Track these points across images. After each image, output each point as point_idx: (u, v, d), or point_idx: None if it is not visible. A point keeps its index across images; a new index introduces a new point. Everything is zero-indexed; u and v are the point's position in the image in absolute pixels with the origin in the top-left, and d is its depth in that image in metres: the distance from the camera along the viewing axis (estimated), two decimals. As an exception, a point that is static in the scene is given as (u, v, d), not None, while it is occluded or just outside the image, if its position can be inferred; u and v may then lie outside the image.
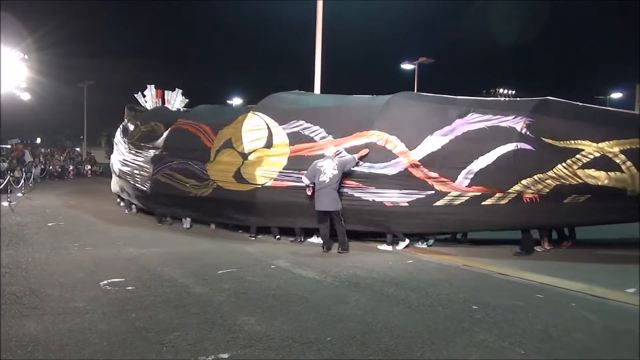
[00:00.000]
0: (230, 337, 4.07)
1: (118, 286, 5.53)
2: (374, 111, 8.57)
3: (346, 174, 8.13)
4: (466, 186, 7.58)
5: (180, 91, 15.04)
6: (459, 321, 4.58)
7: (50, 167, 26.77)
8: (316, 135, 8.74)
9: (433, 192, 7.77)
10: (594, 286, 5.78)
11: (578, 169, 6.98)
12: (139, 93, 14.70)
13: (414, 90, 27.94)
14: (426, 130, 7.90)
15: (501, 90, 72.60)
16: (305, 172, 8.15)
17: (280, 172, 8.81)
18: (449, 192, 7.68)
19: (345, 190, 8.22)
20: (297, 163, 8.65)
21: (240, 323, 4.40)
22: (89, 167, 31.14)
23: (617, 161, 6.80)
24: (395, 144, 8.03)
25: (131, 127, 13.56)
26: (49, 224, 10.15)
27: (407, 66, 30.36)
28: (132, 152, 12.39)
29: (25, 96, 31.10)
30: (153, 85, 15.01)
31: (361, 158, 8.15)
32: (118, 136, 14.10)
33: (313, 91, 13.57)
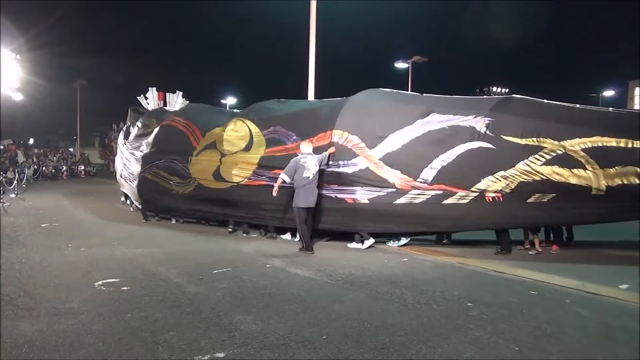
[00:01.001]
0: (226, 336, 4.07)
1: (113, 286, 5.52)
2: (339, 111, 8.71)
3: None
4: (427, 185, 7.63)
5: (181, 93, 15.04)
6: (454, 318, 4.60)
7: (44, 168, 26.62)
8: (288, 139, 8.96)
9: (394, 189, 7.84)
10: (588, 283, 5.83)
11: (540, 166, 6.98)
12: (141, 95, 14.65)
13: (408, 89, 28.06)
14: (387, 129, 7.99)
15: (494, 89, 72.90)
16: (280, 170, 8.14)
17: (253, 171, 9.13)
18: (410, 190, 7.74)
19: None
20: (269, 162, 8.94)
21: (236, 322, 4.40)
22: (83, 167, 30.99)
23: (580, 159, 6.77)
24: (355, 142, 8.14)
25: (132, 129, 13.60)
26: (43, 225, 10.10)
27: (401, 65, 30.40)
28: (131, 152, 12.51)
29: (18, 97, 30.90)
30: (155, 88, 15.00)
31: (330, 156, 8.31)
32: (121, 138, 14.14)
33: (307, 91, 13.59)
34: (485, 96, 8.24)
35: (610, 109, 7.10)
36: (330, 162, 8.29)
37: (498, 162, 7.24)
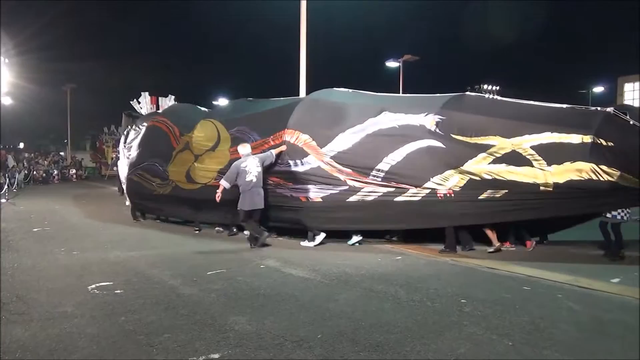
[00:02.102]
0: (221, 337, 4.07)
1: (106, 290, 5.49)
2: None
3: (267, 171, 8.39)
4: (378, 182, 7.67)
5: (173, 97, 15.01)
6: (448, 315, 4.63)
7: (34, 172, 26.42)
8: (250, 138, 8.99)
9: (346, 187, 7.90)
10: (580, 277, 5.89)
11: (488, 165, 7.00)
12: (134, 100, 14.61)
13: (399, 88, 28.15)
14: (338, 128, 8.04)
15: (485, 87, 73.12)
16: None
17: (218, 172, 9.21)
18: (362, 188, 7.79)
19: (269, 187, 8.51)
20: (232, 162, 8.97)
21: (231, 323, 4.40)
22: (74, 171, 30.77)
23: (527, 156, 6.79)
24: (307, 141, 8.20)
25: (130, 134, 13.58)
26: (35, 230, 10.03)
27: (392, 64, 30.46)
28: (126, 156, 12.52)
29: (7, 101, 30.63)
30: (147, 92, 14.96)
31: (279, 155, 8.35)
32: (121, 143, 14.11)
33: (299, 90, 13.59)
34: (438, 94, 8.17)
35: (565, 105, 7.08)
36: (283, 161, 8.36)
37: (447, 160, 7.27)
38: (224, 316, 4.59)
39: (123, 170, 13.43)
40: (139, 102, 14.75)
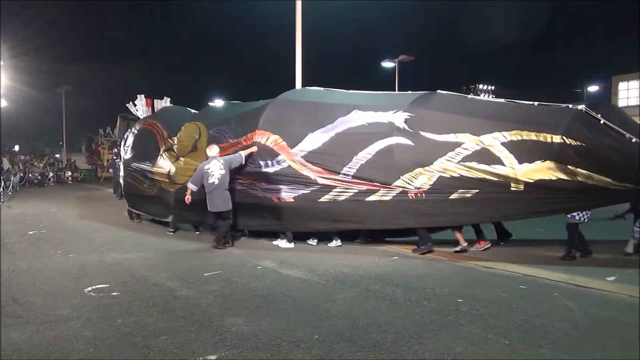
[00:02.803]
0: (218, 338, 4.07)
1: (103, 292, 5.48)
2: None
3: (239, 172, 8.46)
4: (349, 181, 7.66)
5: (169, 99, 14.97)
6: (445, 314, 4.64)
7: (30, 175, 26.31)
8: (225, 139, 9.04)
9: (317, 187, 7.90)
10: (576, 276, 5.91)
11: (458, 163, 6.95)
12: (130, 103, 14.58)
13: (395, 89, 28.17)
14: (308, 128, 8.03)
15: (481, 86, 73.35)
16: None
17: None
18: (333, 188, 7.78)
19: (242, 188, 8.61)
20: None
21: (228, 324, 4.40)
22: (70, 173, 30.65)
23: (497, 154, 6.72)
24: (277, 141, 8.21)
25: (128, 137, 13.60)
26: (30, 232, 9.99)
27: (387, 64, 30.47)
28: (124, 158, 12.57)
29: (2, 103, 30.50)
30: (143, 95, 14.91)
31: (250, 156, 8.38)
32: (122, 148, 14.13)
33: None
34: (410, 92, 8.15)
35: (536, 103, 7.05)
36: (254, 162, 8.39)
37: (416, 158, 7.22)
38: (221, 317, 4.59)
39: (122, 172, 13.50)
40: (135, 105, 14.71)
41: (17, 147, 45.82)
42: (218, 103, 14.99)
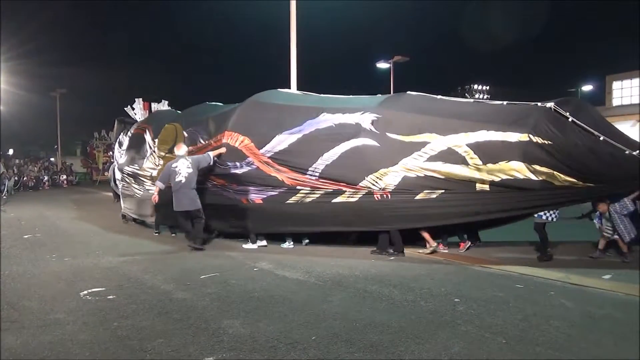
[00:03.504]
0: (215, 341, 4.06)
1: (99, 296, 5.46)
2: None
3: (213, 174, 8.56)
4: (315, 183, 7.66)
5: (167, 102, 14.88)
6: (442, 314, 4.65)
7: (25, 179, 26.20)
8: (198, 139, 9.14)
9: (284, 188, 7.92)
10: (571, 274, 5.93)
11: (424, 162, 6.92)
12: (128, 106, 14.50)
13: (390, 89, 28.21)
14: (276, 129, 8.05)
15: (475, 86, 73.66)
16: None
17: None
18: (301, 189, 7.79)
19: (215, 189, 8.70)
20: None
21: (225, 326, 4.39)
22: (65, 177, 30.55)
23: (463, 154, 6.70)
24: (245, 143, 8.25)
25: (124, 141, 13.61)
26: (25, 236, 9.94)
27: (382, 65, 30.53)
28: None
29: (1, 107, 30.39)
30: (141, 99, 14.83)
31: (219, 156, 8.44)
32: (116, 152, 14.15)
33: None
34: (379, 95, 8.22)
35: (505, 102, 7.07)
36: (224, 164, 8.45)
37: (381, 159, 7.20)
38: (217, 320, 4.58)
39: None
40: (133, 108, 14.63)
41: (11, 151, 45.54)
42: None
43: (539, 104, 6.55)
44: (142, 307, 5.00)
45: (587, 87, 44.95)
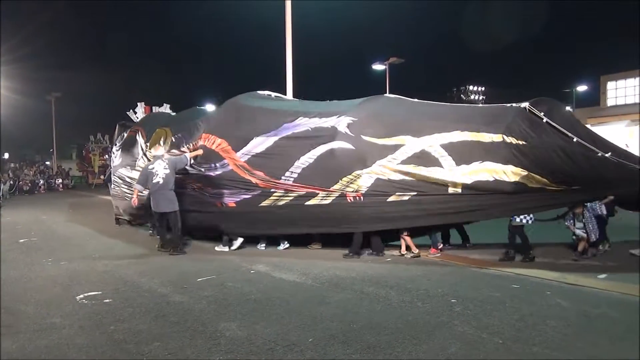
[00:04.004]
0: (212, 343, 4.05)
1: (95, 299, 5.44)
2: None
3: (190, 177, 8.63)
4: (289, 185, 7.66)
5: (169, 106, 14.86)
6: (438, 315, 4.65)
7: (20, 183, 26.10)
8: (183, 143, 9.14)
9: (258, 191, 7.92)
10: (567, 274, 5.95)
11: (397, 165, 6.94)
12: (131, 110, 14.49)
13: (385, 91, 28.25)
14: (253, 132, 8.09)
15: (471, 87, 73.75)
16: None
17: None
18: (274, 192, 7.80)
19: (194, 193, 8.74)
20: None
21: (222, 329, 4.38)
22: (60, 180, 30.44)
23: (436, 156, 6.72)
24: (222, 145, 8.29)
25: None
26: (21, 240, 9.90)
27: (378, 67, 30.58)
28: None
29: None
30: (143, 103, 14.81)
31: (196, 158, 8.52)
32: (112, 155, 14.20)
33: (285, 93, 13.59)
34: (357, 99, 8.32)
35: (480, 104, 7.10)
36: (201, 166, 8.51)
37: (355, 161, 7.22)
38: (214, 323, 4.57)
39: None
40: (135, 112, 14.62)
41: (6, 155, 45.37)
42: (209, 107, 14.90)
43: (514, 104, 6.60)
44: (139, 310, 4.99)
45: (582, 88, 45.16)
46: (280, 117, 8.08)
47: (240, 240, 8.30)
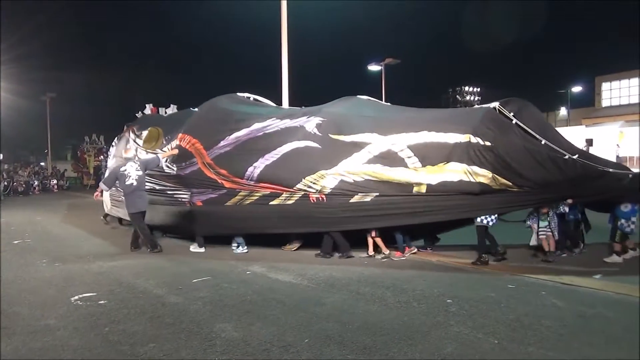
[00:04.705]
0: (207, 345, 4.04)
1: (90, 301, 5.41)
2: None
3: (163, 176, 8.82)
4: (252, 184, 7.71)
5: (175, 107, 14.84)
6: (434, 315, 4.66)
7: (14, 184, 25.94)
8: (164, 146, 9.36)
9: (224, 191, 7.99)
10: (562, 274, 5.97)
11: (362, 165, 6.96)
12: (139, 112, 14.46)
13: (381, 91, 28.28)
14: (224, 132, 8.25)
15: (467, 88, 73.90)
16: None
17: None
18: (239, 192, 7.85)
19: (166, 192, 8.93)
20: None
21: (217, 330, 4.37)
22: (55, 181, 30.28)
23: (402, 156, 6.76)
24: (195, 145, 8.41)
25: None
26: (15, 242, 9.83)
27: (374, 67, 30.59)
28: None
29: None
30: (150, 104, 14.80)
31: (172, 158, 8.66)
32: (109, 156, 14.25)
33: (281, 94, 13.57)
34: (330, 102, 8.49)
35: (451, 109, 7.21)
36: (174, 165, 8.66)
37: (321, 161, 7.25)
38: (210, 323, 4.56)
39: None
40: (143, 114, 14.59)
41: (0, 156, 45.16)
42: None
43: (483, 105, 6.71)
44: (134, 311, 4.97)
45: (576, 89, 45.38)
46: (252, 118, 8.26)
47: (200, 240, 8.38)
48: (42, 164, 40.46)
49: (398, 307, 4.97)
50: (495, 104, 6.51)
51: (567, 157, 6.05)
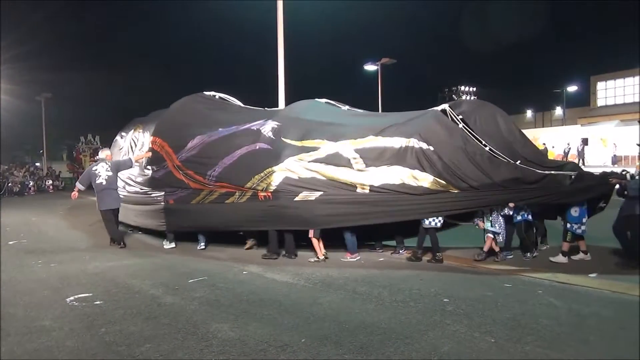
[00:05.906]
0: (204, 345, 4.03)
1: (86, 301, 5.39)
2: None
3: (136, 179, 9.33)
4: (213, 184, 7.97)
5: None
6: (431, 314, 4.66)
7: (9, 184, 25.82)
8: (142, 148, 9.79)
9: (190, 190, 8.27)
10: (558, 273, 5.99)
11: (309, 162, 7.18)
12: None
13: (378, 91, 28.31)
14: (191, 134, 8.58)
15: (462, 88, 73.96)
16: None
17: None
18: (202, 190, 8.14)
19: (141, 193, 9.24)
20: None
21: (214, 330, 4.36)
22: (51, 182, 30.16)
23: (348, 157, 6.97)
24: (165, 147, 8.75)
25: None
26: (10, 243, 9.78)
27: (370, 67, 30.59)
28: None
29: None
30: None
31: (147, 160, 9.11)
32: None
33: (277, 95, 13.56)
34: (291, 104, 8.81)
35: (405, 112, 7.45)
36: (148, 168, 9.08)
37: (269, 160, 7.47)
38: (206, 324, 4.55)
39: None
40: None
41: (-3, 157, 44.94)
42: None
43: (433, 109, 6.89)
44: (130, 312, 4.95)
45: (572, 88, 45.50)
46: (216, 120, 8.65)
47: (171, 237, 8.70)
48: (38, 164, 40.30)
49: (395, 306, 4.97)
50: (445, 106, 6.62)
51: (507, 161, 6.33)
